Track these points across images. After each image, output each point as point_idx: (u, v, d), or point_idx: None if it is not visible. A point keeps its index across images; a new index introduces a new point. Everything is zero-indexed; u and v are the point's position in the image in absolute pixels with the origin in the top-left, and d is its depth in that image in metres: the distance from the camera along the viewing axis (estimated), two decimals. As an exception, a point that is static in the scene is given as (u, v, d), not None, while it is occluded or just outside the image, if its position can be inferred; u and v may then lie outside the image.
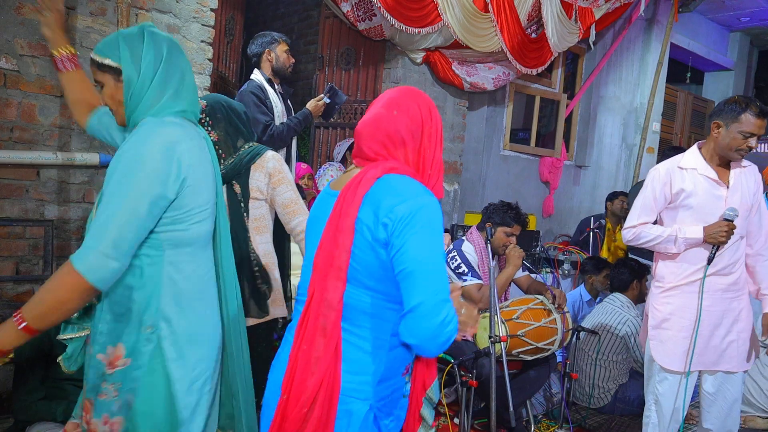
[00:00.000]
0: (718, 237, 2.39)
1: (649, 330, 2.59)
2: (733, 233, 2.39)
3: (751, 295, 2.60)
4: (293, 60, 3.51)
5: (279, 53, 3.40)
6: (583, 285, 4.19)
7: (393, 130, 1.32)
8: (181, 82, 1.49)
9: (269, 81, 3.40)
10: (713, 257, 2.42)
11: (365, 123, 1.35)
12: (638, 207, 2.62)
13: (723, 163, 2.51)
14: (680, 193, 2.50)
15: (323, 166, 4.54)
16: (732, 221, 2.39)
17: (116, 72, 1.46)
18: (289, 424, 1.23)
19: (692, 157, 2.54)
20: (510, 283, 3.28)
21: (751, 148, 2.41)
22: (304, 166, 4.29)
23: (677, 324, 2.50)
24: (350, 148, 4.42)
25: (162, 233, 1.41)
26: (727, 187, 2.47)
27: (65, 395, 2.40)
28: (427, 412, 1.42)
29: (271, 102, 3.33)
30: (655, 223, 2.61)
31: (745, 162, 2.54)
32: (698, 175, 2.49)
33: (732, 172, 2.49)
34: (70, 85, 1.84)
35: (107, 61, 1.46)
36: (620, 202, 5.06)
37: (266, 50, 3.39)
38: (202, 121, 2.12)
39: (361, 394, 1.27)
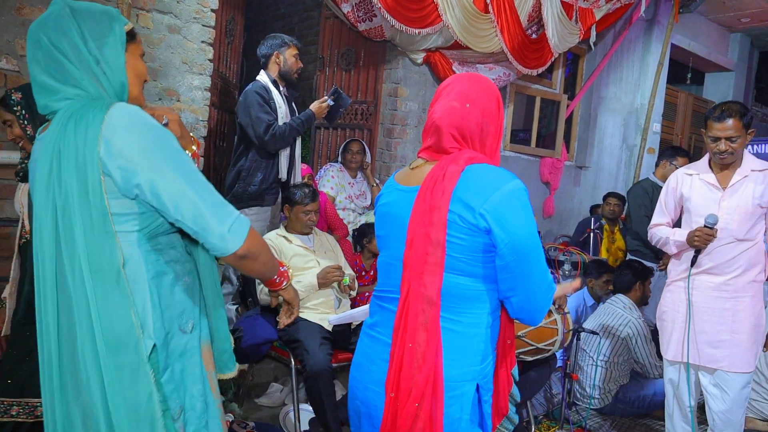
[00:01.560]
0: (693, 242, 2.53)
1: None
2: (711, 238, 2.49)
3: None
4: (301, 65, 3.49)
5: (287, 57, 3.39)
6: (586, 288, 4.19)
7: (466, 124, 1.35)
8: None
9: (274, 83, 3.39)
10: (695, 259, 2.57)
11: (441, 118, 1.36)
12: (655, 210, 2.84)
13: (727, 167, 2.58)
14: (682, 197, 2.69)
15: (324, 167, 4.55)
16: (711, 228, 2.48)
17: None
18: (402, 420, 1.25)
19: (700, 162, 2.70)
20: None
21: (721, 151, 2.50)
22: (304, 166, 4.29)
23: (670, 317, 2.69)
24: (342, 150, 4.47)
25: None
26: (724, 191, 2.56)
27: None
28: (515, 390, 1.47)
29: (275, 103, 3.32)
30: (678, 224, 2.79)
31: (764, 164, 2.57)
32: (699, 179, 2.64)
33: (735, 176, 2.55)
34: None
35: None
36: (609, 205, 5.06)
37: (275, 53, 3.37)
38: (17, 113, 2.00)
39: (469, 375, 1.30)
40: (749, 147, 4.86)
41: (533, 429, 3.19)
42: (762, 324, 2.56)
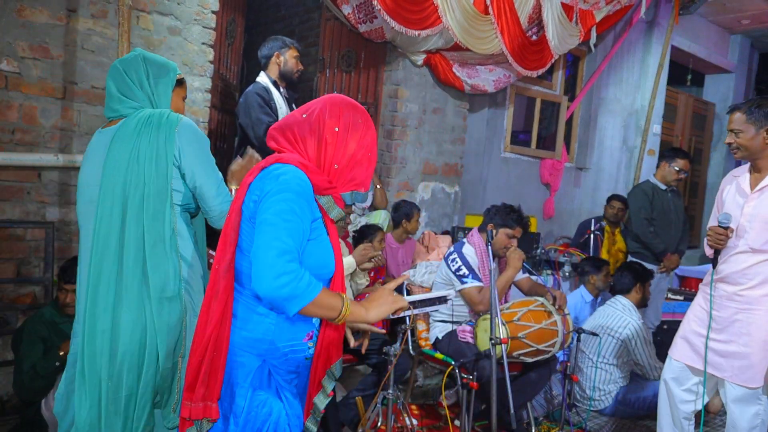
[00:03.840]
0: (707, 242, 2.49)
1: None
2: (724, 238, 2.43)
3: None
4: (302, 67, 3.54)
5: (288, 58, 3.44)
6: (583, 286, 4.18)
7: (297, 129, 1.50)
8: None
9: (275, 83, 3.41)
10: (715, 261, 2.51)
11: (277, 124, 1.55)
12: (711, 214, 2.75)
13: (758, 168, 2.50)
14: (723, 203, 2.61)
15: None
16: (724, 227, 2.42)
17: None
18: (190, 370, 1.45)
19: (746, 164, 2.60)
20: (510, 285, 3.28)
21: (728, 144, 2.50)
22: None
23: (689, 318, 2.66)
24: None
25: None
26: (749, 195, 2.48)
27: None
28: (327, 382, 1.62)
29: (275, 104, 3.34)
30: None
31: None
32: (737, 182, 2.57)
33: (764, 180, 2.46)
34: None
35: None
36: (613, 208, 5.03)
37: (275, 53, 3.42)
38: None
39: (254, 349, 1.47)
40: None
41: (533, 430, 3.19)
42: None
